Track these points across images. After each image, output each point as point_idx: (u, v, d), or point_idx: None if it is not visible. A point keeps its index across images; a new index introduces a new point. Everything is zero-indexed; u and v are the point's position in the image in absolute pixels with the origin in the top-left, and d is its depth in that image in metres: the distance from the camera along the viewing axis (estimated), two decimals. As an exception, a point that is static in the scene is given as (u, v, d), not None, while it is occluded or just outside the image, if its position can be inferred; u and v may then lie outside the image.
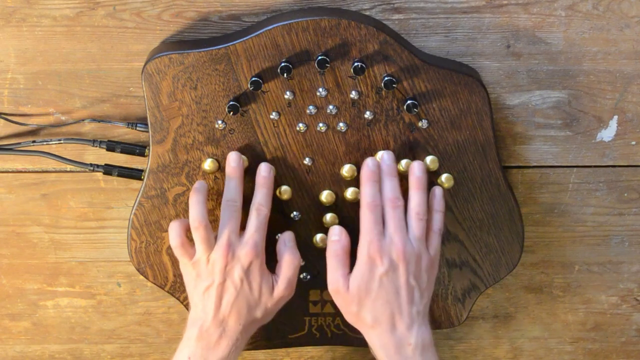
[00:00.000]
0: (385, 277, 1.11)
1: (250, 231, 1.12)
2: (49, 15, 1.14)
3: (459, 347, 1.31)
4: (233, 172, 1.13)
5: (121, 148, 1.18)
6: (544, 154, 1.21)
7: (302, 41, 1.10)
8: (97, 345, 1.30)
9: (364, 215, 1.12)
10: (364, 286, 1.11)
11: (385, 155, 1.14)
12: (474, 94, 1.13)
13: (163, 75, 1.12)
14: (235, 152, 1.14)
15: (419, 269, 1.12)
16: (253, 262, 1.12)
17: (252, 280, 1.12)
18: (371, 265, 1.11)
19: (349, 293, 1.12)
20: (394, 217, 1.12)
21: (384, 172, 1.13)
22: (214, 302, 1.12)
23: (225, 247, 1.11)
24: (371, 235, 1.11)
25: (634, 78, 1.17)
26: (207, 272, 1.12)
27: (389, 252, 1.11)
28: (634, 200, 1.23)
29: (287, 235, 1.16)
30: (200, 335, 1.12)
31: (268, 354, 1.31)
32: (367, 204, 1.12)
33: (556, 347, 1.31)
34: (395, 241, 1.11)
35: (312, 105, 1.13)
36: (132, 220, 1.17)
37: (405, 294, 1.11)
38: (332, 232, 1.14)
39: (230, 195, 1.12)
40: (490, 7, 1.14)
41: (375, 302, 1.11)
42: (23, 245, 1.25)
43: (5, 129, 1.19)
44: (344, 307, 1.14)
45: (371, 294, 1.11)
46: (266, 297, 1.13)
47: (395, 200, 1.12)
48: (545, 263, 1.27)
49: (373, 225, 1.12)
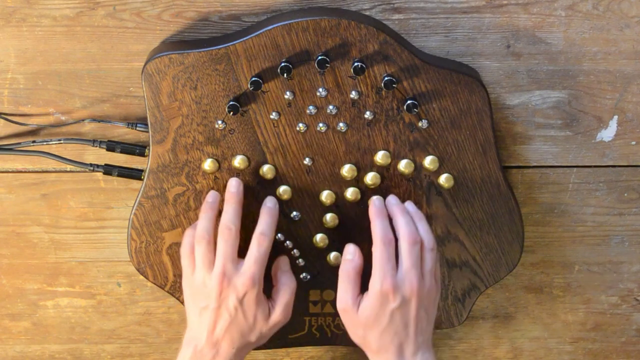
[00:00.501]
0: (397, 312, 1.11)
1: (249, 262, 1.12)
2: (49, 15, 1.14)
3: (459, 347, 1.31)
4: (232, 197, 1.13)
5: (121, 148, 1.18)
6: (544, 154, 1.21)
7: (302, 41, 1.10)
8: (97, 345, 1.30)
9: (377, 249, 1.12)
10: (374, 317, 1.11)
11: (392, 199, 1.15)
12: (474, 94, 1.13)
13: (163, 75, 1.12)
14: (235, 178, 1.14)
15: (429, 302, 1.13)
16: (248, 293, 1.12)
17: (246, 309, 1.12)
18: (383, 300, 1.11)
19: (357, 317, 1.12)
20: (412, 253, 1.12)
21: (395, 210, 1.14)
22: (209, 325, 1.12)
23: (220, 275, 1.11)
24: (385, 270, 1.11)
25: (634, 78, 1.17)
26: (204, 294, 1.12)
27: (402, 288, 1.11)
28: (634, 200, 1.23)
29: (282, 260, 1.17)
30: (194, 356, 1.13)
31: (268, 354, 1.31)
32: (380, 239, 1.12)
33: (556, 347, 1.31)
34: (410, 278, 1.11)
35: (312, 105, 1.13)
36: (132, 220, 1.17)
37: (414, 327, 1.12)
38: (347, 250, 1.14)
39: (227, 221, 1.12)
40: (490, 7, 1.14)
41: (383, 333, 1.12)
42: (23, 245, 1.25)
43: (5, 129, 1.19)
44: (350, 327, 1.14)
45: (380, 325, 1.12)
46: (261, 323, 1.13)
47: (413, 236, 1.12)
48: (545, 263, 1.27)
49: (387, 260, 1.11)
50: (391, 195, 1.16)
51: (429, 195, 1.17)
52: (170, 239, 1.18)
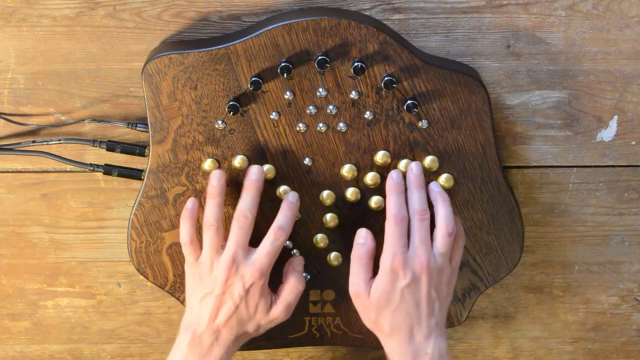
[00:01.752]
0: (407, 290, 1.11)
1: (261, 254, 1.12)
2: (49, 15, 1.14)
3: (459, 347, 1.31)
4: (251, 185, 1.13)
5: (121, 148, 1.18)
6: (544, 154, 1.21)
7: (302, 41, 1.10)
8: (97, 345, 1.30)
9: (389, 227, 1.12)
10: (385, 296, 1.11)
11: (414, 166, 1.14)
12: (474, 94, 1.13)
13: (163, 75, 1.12)
14: (258, 166, 1.14)
15: (440, 281, 1.12)
16: (255, 283, 1.12)
17: (250, 299, 1.12)
18: (393, 277, 1.11)
19: (369, 300, 1.12)
20: (420, 229, 1.11)
21: (412, 182, 1.13)
22: (211, 311, 1.12)
23: (230, 261, 1.11)
24: (395, 248, 1.11)
25: (634, 78, 1.17)
26: (209, 279, 1.12)
27: (412, 265, 1.11)
28: (634, 200, 1.23)
29: (297, 260, 1.17)
30: (192, 341, 1.12)
31: (268, 354, 1.31)
32: (393, 216, 1.12)
33: (556, 347, 1.31)
34: (420, 254, 1.11)
35: (312, 105, 1.13)
36: (132, 220, 1.17)
37: (426, 306, 1.12)
38: (359, 234, 1.14)
39: (244, 208, 1.12)
40: (490, 7, 1.14)
41: (395, 312, 1.11)
42: (23, 245, 1.25)
43: (5, 129, 1.19)
44: (362, 311, 1.14)
45: (391, 305, 1.11)
46: (261, 315, 1.13)
47: (423, 212, 1.12)
48: (545, 263, 1.27)
49: (398, 238, 1.11)
50: (414, 163, 1.14)
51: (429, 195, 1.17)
52: (170, 239, 1.18)
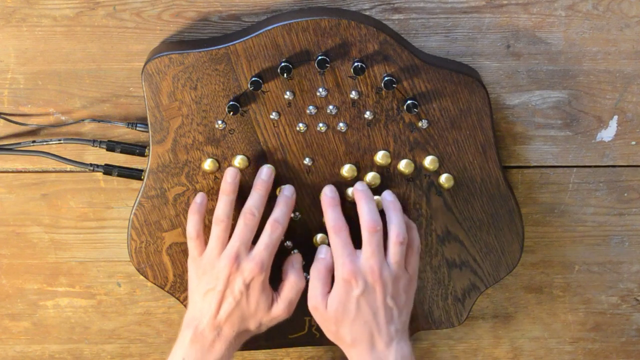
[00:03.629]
0: (362, 299, 1.11)
1: (260, 247, 1.12)
2: (49, 15, 1.14)
3: (459, 347, 1.31)
4: (262, 185, 1.13)
5: (121, 148, 1.18)
6: (544, 154, 1.21)
7: (302, 41, 1.10)
8: (97, 345, 1.30)
9: (331, 239, 1.13)
10: (342, 308, 1.12)
11: (358, 183, 1.15)
12: (474, 94, 1.13)
13: (163, 75, 1.12)
14: (269, 166, 1.14)
15: (396, 289, 1.13)
16: (255, 278, 1.12)
17: (250, 294, 1.13)
18: (347, 287, 1.12)
19: (327, 312, 1.13)
20: (371, 242, 1.12)
21: (361, 196, 1.14)
22: (213, 307, 1.12)
23: (233, 257, 1.12)
24: (342, 257, 1.12)
25: (634, 78, 1.17)
26: (212, 275, 1.13)
27: (364, 274, 1.11)
28: (634, 200, 1.23)
29: (296, 257, 1.17)
30: (194, 337, 1.13)
31: (268, 354, 1.31)
32: (332, 228, 1.13)
33: (556, 347, 1.31)
34: (371, 264, 1.12)
35: (312, 105, 1.13)
36: (132, 220, 1.17)
37: (383, 314, 1.12)
38: (320, 250, 1.15)
39: (251, 206, 1.13)
40: (490, 7, 1.14)
41: (354, 322, 1.12)
42: (23, 245, 1.25)
43: (5, 129, 1.19)
44: (323, 324, 1.15)
45: (349, 315, 1.12)
46: (262, 312, 1.14)
47: (373, 225, 1.12)
48: (545, 263, 1.27)
49: (342, 248, 1.12)
50: (358, 183, 1.15)
51: (429, 195, 1.17)
52: (170, 239, 1.18)
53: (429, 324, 1.23)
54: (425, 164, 1.15)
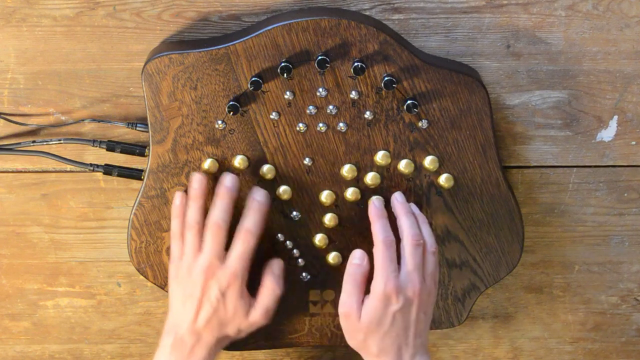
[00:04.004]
0: (399, 314, 1.11)
1: (233, 257, 1.12)
2: (49, 15, 1.14)
3: (459, 347, 1.31)
4: (225, 192, 1.13)
5: (121, 148, 1.18)
6: (544, 154, 1.21)
7: (302, 41, 1.10)
8: (97, 345, 1.30)
9: (379, 251, 1.12)
10: (376, 320, 1.11)
11: (398, 196, 1.15)
12: (474, 94, 1.13)
13: (163, 75, 1.12)
14: (232, 174, 1.14)
15: (428, 304, 1.14)
16: (231, 286, 1.12)
17: (227, 301, 1.13)
18: (386, 302, 1.11)
19: (359, 322, 1.12)
20: (414, 255, 1.12)
21: (401, 210, 1.14)
22: (192, 314, 1.13)
23: (206, 269, 1.12)
24: (387, 272, 1.11)
25: (634, 78, 1.17)
26: (189, 282, 1.13)
27: (404, 290, 1.11)
28: (634, 200, 1.23)
29: (275, 263, 1.16)
30: (175, 343, 1.13)
31: (268, 354, 1.31)
32: (382, 241, 1.12)
33: (556, 347, 1.31)
34: (413, 279, 1.11)
35: (312, 105, 1.13)
36: (132, 220, 1.17)
37: (414, 329, 1.12)
38: (355, 255, 1.14)
39: (217, 218, 1.12)
40: (490, 7, 1.14)
41: (385, 336, 1.12)
42: (23, 245, 1.25)
43: (5, 129, 1.19)
44: (350, 332, 1.14)
45: (382, 328, 1.12)
46: (240, 318, 1.14)
47: (417, 237, 1.12)
48: (545, 263, 1.27)
49: (389, 262, 1.12)
50: (398, 192, 1.15)
51: (429, 195, 1.17)
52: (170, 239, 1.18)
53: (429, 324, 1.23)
54: (425, 164, 1.15)
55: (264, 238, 1.17)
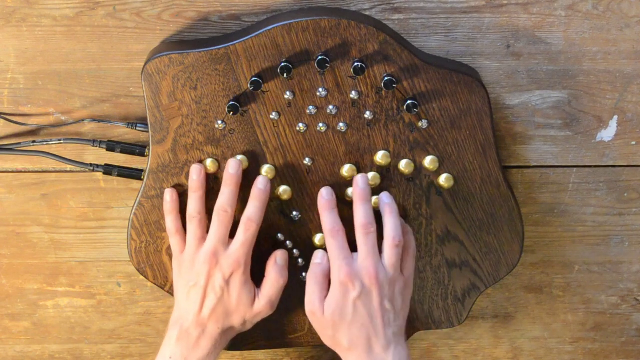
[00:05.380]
0: (359, 302, 1.11)
1: (236, 245, 1.13)
2: (49, 15, 1.14)
3: (459, 347, 1.31)
4: (230, 179, 1.13)
5: (121, 148, 1.18)
6: (544, 154, 1.21)
7: (302, 41, 1.10)
8: (97, 345, 1.30)
9: (327, 242, 1.13)
10: (339, 311, 1.12)
11: (360, 179, 1.14)
12: (474, 94, 1.13)
13: (163, 75, 1.12)
14: (235, 159, 1.14)
15: (392, 292, 1.13)
16: (234, 274, 1.13)
17: (231, 290, 1.13)
18: (344, 290, 1.12)
19: (324, 317, 1.13)
20: (366, 243, 1.12)
21: (357, 196, 1.14)
22: (197, 304, 1.13)
23: (211, 254, 1.12)
24: (339, 261, 1.12)
25: (634, 78, 1.17)
26: (193, 272, 1.13)
27: (360, 277, 1.12)
28: (634, 200, 1.23)
29: (280, 253, 1.17)
30: (180, 335, 1.13)
31: (268, 354, 1.31)
32: (328, 231, 1.13)
33: (556, 347, 1.31)
34: (367, 266, 1.12)
35: (312, 105, 1.13)
36: (132, 220, 1.17)
37: (380, 317, 1.12)
38: (316, 255, 1.16)
39: (224, 203, 1.13)
40: (490, 7, 1.14)
41: (351, 326, 1.12)
42: (23, 245, 1.25)
43: (5, 129, 1.19)
44: (320, 329, 1.15)
45: (346, 319, 1.12)
46: (245, 308, 1.14)
47: (367, 226, 1.13)
48: (545, 263, 1.27)
49: (339, 251, 1.12)
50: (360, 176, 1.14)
51: (429, 195, 1.17)
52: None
53: (429, 324, 1.23)
54: (425, 164, 1.15)
55: (264, 238, 1.17)
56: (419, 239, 1.19)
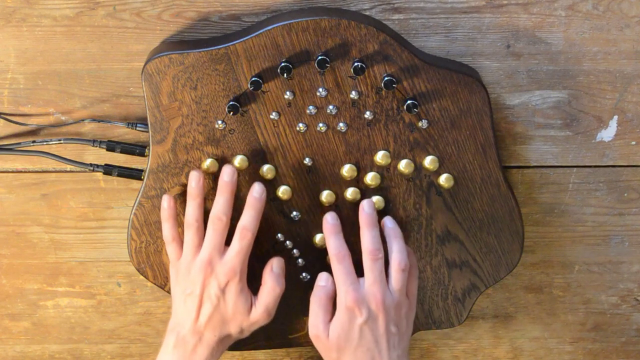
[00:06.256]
0: (366, 327, 1.12)
1: (231, 254, 1.13)
2: (49, 15, 1.14)
3: (459, 347, 1.31)
4: (225, 187, 1.13)
5: (121, 148, 1.18)
6: (544, 154, 1.21)
7: (302, 41, 1.10)
8: (97, 345, 1.30)
9: (333, 266, 1.13)
10: (344, 336, 1.12)
11: (366, 204, 1.15)
12: (474, 94, 1.13)
13: (163, 75, 1.12)
14: (230, 166, 1.14)
15: (399, 316, 1.13)
16: (230, 282, 1.12)
17: (227, 298, 1.13)
18: (350, 315, 1.12)
19: (328, 341, 1.13)
20: (374, 269, 1.12)
21: (364, 222, 1.14)
22: (193, 312, 1.13)
23: (206, 262, 1.12)
24: (346, 286, 1.12)
25: (634, 78, 1.17)
26: (189, 280, 1.13)
27: (367, 302, 1.12)
28: (634, 200, 1.23)
29: (276, 261, 1.16)
30: (177, 343, 1.13)
31: (268, 354, 1.31)
32: (334, 256, 1.13)
33: (556, 347, 1.31)
34: (374, 292, 1.12)
35: (312, 105, 1.13)
36: (132, 220, 1.17)
37: (385, 342, 1.12)
38: (321, 277, 1.15)
39: (218, 211, 1.13)
40: (490, 7, 1.14)
41: (356, 350, 1.12)
42: (23, 245, 1.25)
43: (5, 129, 1.19)
44: (323, 352, 1.14)
45: (352, 343, 1.12)
46: (241, 316, 1.14)
47: (375, 252, 1.13)
48: (545, 263, 1.27)
49: (345, 276, 1.12)
50: (366, 201, 1.15)
51: (429, 195, 1.17)
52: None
53: (429, 324, 1.23)
54: (425, 164, 1.15)
55: (264, 238, 1.17)
56: (419, 239, 1.19)
